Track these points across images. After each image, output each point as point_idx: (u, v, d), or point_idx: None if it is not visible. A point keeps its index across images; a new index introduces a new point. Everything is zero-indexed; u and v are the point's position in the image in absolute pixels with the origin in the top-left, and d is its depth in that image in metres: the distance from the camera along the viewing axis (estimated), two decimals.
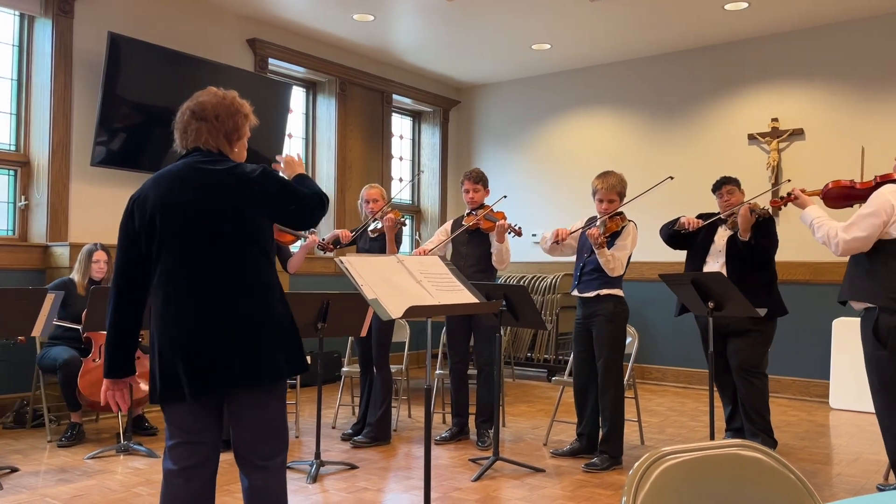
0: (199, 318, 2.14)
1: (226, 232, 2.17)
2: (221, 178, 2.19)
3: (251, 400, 2.19)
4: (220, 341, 2.14)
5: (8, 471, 3.82)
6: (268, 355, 2.18)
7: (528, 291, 4.09)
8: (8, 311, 3.66)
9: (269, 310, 2.20)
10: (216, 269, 2.16)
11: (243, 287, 2.18)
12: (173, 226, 2.17)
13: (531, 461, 4.14)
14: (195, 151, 2.27)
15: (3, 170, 5.31)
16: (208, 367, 2.13)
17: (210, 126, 2.26)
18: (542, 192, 8.04)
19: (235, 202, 2.18)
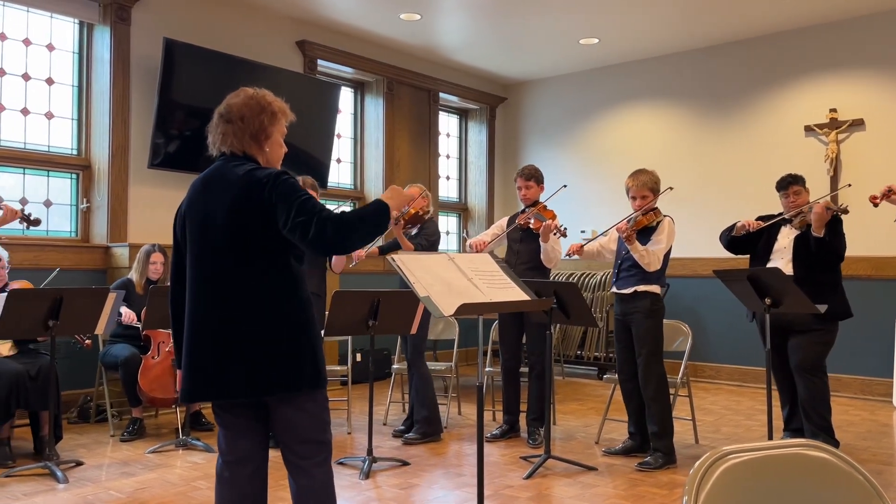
0: (202, 325, 2.16)
1: (234, 237, 2.15)
2: (235, 183, 2.16)
3: (282, 404, 2.21)
4: (219, 349, 2.15)
5: (73, 464, 3.96)
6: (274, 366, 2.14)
7: (579, 289, 4.06)
8: (73, 310, 3.79)
9: (282, 319, 2.16)
10: (222, 276, 2.16)
11: (248, 294, 2.15)
12: (193, 231, 2.21)
13: (583, 459, 4.10)
14: (222, 156, 2.27)
15: (66, 173, 5.50)
16: (205, 374, 2.16)
17: (235, 128, 2.23)
18: (590, 188, 7.96)
19: (244, 207, 2.14)
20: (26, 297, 3.66)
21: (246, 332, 2.14)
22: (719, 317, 6.90)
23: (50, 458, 3.81)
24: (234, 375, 2.14)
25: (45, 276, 4.69)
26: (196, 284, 2.19)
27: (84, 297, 3.87)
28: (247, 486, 2.27)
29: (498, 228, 4.82)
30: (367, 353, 6.41)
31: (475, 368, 7.81)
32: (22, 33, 5.26)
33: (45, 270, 4.82)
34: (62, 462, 3.89)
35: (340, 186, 7.33)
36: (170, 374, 4.62)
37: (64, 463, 3.90)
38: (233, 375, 2.14)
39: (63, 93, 5.48)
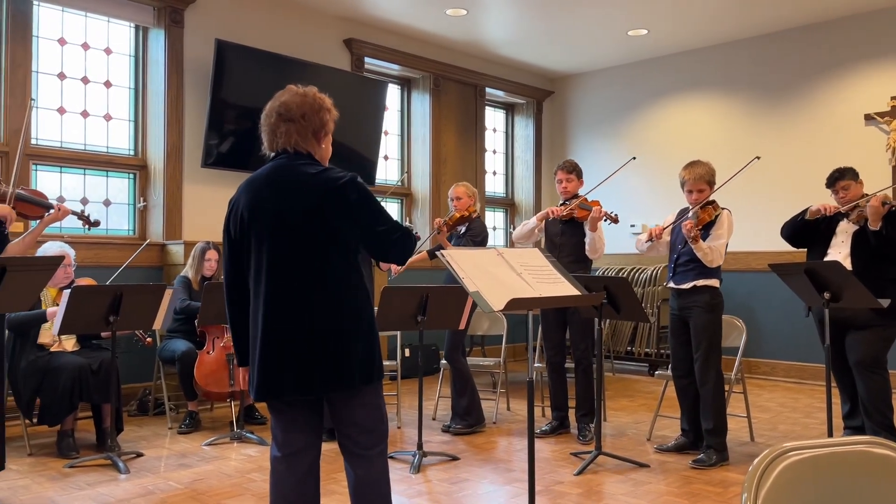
0: (282, 321, 2.19)
1: (306, 236, 2.19)
2: (308, 182, 2.20)
3: (342, 395, 2.25)
4: (300, 348, 2.18)
5: (134, 455, 4.09)
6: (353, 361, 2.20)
7: (630, 283, 4.01)
8: (132, 306, 3.90)
9: (354, 315, 2.22)
10: (295, 274, 2.19)
11: (316, 292, 2.19)
12: (259, 229, 2.24)
13: (635, 456, 4.06)
14: (283, 153, 2.31)
15: (124, 173, 5.67)
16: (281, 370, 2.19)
17: (298, 126, 2.27)
18: (640, 181, 7.84)
19: (319, 207, 2.18)
20: (88, 294, 3.78)
21: (320, 328, 2.18)
22: (774, 312, 6.73)
23: (112, 450, 3.94)
24: (313, 371, 2.18)
25: (105, 273, 4.84)
26: (267, 282, 2.21)
27: (142, 293, 3.99)
28: (301, 477, 2.31)
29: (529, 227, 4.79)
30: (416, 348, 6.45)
31: (523, 364, 7.79)
32: (81, 38, 5.43)
33: (105, 268, 4.97)
34: (123, 453, 4.02)
35: (388, 183, 7.38)
36: (224, 369, 4.72)
37: (125, 454, 4.02)
38: (305, 371, 2.18)
39: (120, 95, 5.65)
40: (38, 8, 5.21)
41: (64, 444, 4.12)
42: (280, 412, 2.32)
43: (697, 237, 3.90)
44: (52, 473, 3.78)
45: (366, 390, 2.26)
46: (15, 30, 5.06)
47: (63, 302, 3.70)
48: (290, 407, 2.30)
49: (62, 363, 4.03)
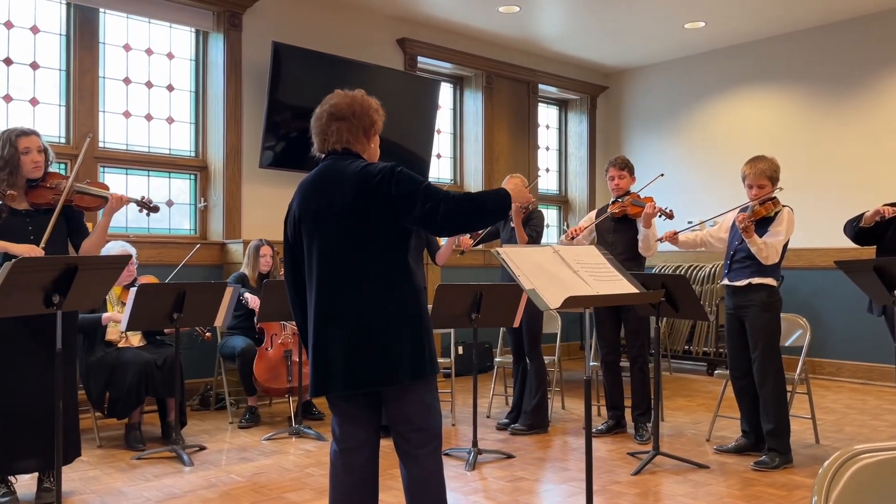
0: (330, 318, 2.23)
1: (351, 232, 2.23)
2: (350, 179, 2.24)
3: (396, 392, 2.27)
4: (348, 340, 2.21)
5: (197, 448, 4.21)
6: (404, 356, 2.22)
7: (689, 281, 3.94)
8: (195, 304, 4.02)
9: (403, 310, 2.24)
10: (343, 269, 2.23)
11: (369, 287, 2.22)
12: (310, 228, 2.29)
13: (694, 457, 3.98)
14: (332, 154, 2.35)
15: (185, 174, 5.83)
16: (339, 366, 2.22)
17: (349, 124, 2.33)
18: (697, 177, 7.69)
19: (361, 202, 2.21)
20: (153, 292, 3.91)
21: (369, 324, 2.21)
22: (840, 311, 6.51)
23: (176, 443, 4.06)
24: (359, 366, 2.21)
25: (168, 272, 4.99)
26: (318, 280, 2.26)
27: (204, 291, 4.10)
28: (360, 472, 2.35)
29: (588, 221, 4.74)
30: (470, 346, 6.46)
31: (576, 362, 7.72)
32: (144, 44, 5.61)
33: (168, 266, 5.13)
34: (187, 446, 4.14)
35: (440, 181, 7.41)
36: (282, 365, 4.82)
37: (189, 447, 4.14)
38: (358, 366, 2.21)
39: (182, 98, 5.81)
40: (105, 16, 5.39)
41: (131, 436, 4.27)
42: (338, 407, 2.36)
43: (750, 229, 3.79)
44: (120, 465, 3.92)
45: (416, 387, 2.27)
46: (83, 37, 5.26)
47: (130, 299, 3.83)
48: (348, 402, 2.34)
49: (129, 359, 4.17)
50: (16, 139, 3.23)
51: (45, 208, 3.30)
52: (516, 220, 4.57)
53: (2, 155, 3.21)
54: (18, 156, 3.23)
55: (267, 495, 3.42)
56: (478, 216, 2.23)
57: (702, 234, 4.26)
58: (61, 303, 2.86)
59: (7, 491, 3.23)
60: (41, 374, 3.20)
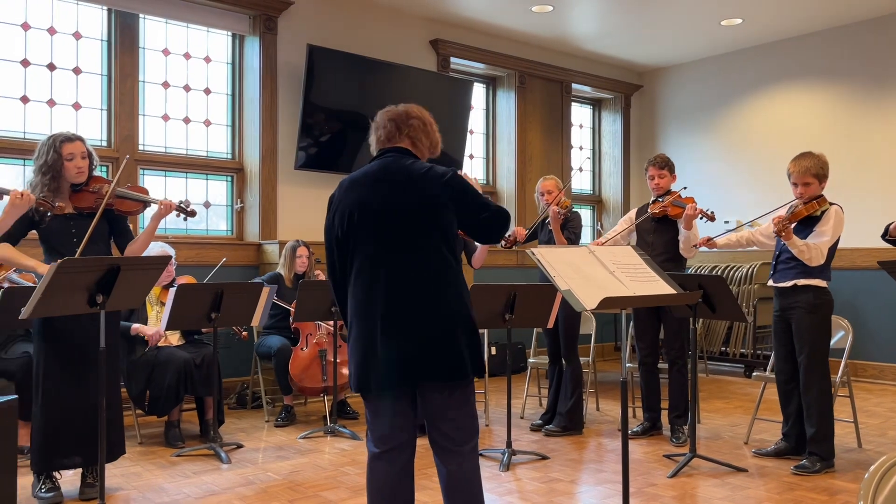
0: (387, 314, 2.25)
1: (415, 230, 2.26)
2: (418, 178, 2.29)
3: (439, 390, 2.28)
4: (406, 337, 2.24)
5: (234, 446, 4.27)
6: (464, 352, 2.26)
7: (726, 282, 3.89)
8: (233, 304, 4.08)
9: (454, 307, 2.28)
10: (404, 266, 2.26)
11: (430, 284, 2.26)
12: (368, 224, 2.30)
13: (732, 460, 3.93)
14: (390, 151, 2.39)
15: (222, 176, 5.92)
16: (394, 362, 2.24)
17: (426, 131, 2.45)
18: (735, 176, 7.57)
19: (427, 202, 2.26)
20: (192, 292, 3.98)
21: (422, 320, 2.24)
22: (883, 312, 6.37)
23: (214, 441, 4.13)
24: (411, 362, 2.24)
25: (205, 272, 5.07)
26: (378, 275, 2.28)
27: (242, 291, 4.16)
28: (397, 473, 2.35)
29: (627, 222, 4.69)
30: (504, 346, 6.46)
31: (610, 364, 7.67)
32: (182, 48, 5.71)
33: (205, 266, 5.21)
34: (225, 444, 4.20)
35: None
36: (317, 365, 4.87)
37: (226, 445, 4.21)
38: (409, 362, 2.24)
39: (219, 101, 5.90)
40: (144, 21, 5.50)
41: (171, 434, 4.35)
42: (376, 409, 2.36)
43: (787, 231, 3.71)
44: (160, 461, 3.99)
45: (462, 385, 2.30)
46: (123, 42, 5.37)
47: (169, 300, 3.91)
48: (386, 404, 2.35)
49: (169, 358, 4.25)
50: (60, 145, 3.31)
51: (89, 212, 3.38)
52: (554, 225, 4.55)
53: (46, 161, 3.29)
54: (62, 161, 3.30)
55: (303, 493, 3.46)
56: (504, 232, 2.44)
57: (747, 234, 4.17)
58: (104, 302, 2.93)
59: (52, 486, 3.32)
60: (86, 373, 3.28)
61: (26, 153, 4.93)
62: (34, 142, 4.93)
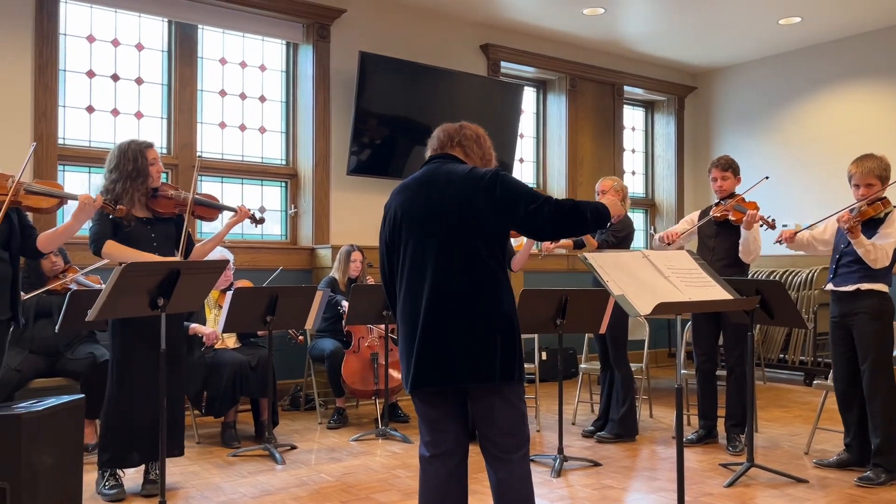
0: (433, 316, 2.27)
1: (455, 232, 2.27)
2: (460, 180, 2.30)
3: (487, 394, 2.29)
4: (442, 339, 2.25)
5: (288, 447, 4.34)
6: (496, 355, 2.25)
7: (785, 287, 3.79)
8: (287, 307, 4.15)
9: (499, 310, 2.28)
10: (450, 270, 2.27)
11: (476, 287, 2.26)
12: (411, 227, 2.33)
13: (791, 470, 3.82)
14: (438, 157, 2.41)
15: (277, 182, 6.04)
16: (439, 363, 2.26)
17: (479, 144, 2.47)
18: (794, 180, 7.37)
19: (470, 202, 2.27)
20: (248, 296, 4.06)
21: (469, 322, 2.25)
22: None
23: (269, 441, 4.21)
24: (457, 363, 2.25)
25: (259, 276, 5.17)
26: (418, 277, 2.31)
27: (296, 295, 4.23)
28: (449, 475, 2.37)
29: (688, 223, 4.61)
30: (555, 351, 6.41)
31: (664, 370, 7.54)
32: (239, 57, 5.85)
33: (261, 271, 5.31)
34: (279, 445, 4.27)
35: None
36: (369, 368, 4.92)
37: (280, 446, 4.28)
38: (456, 363, 2.25)
39: (273, 109, 6.02)
40: (203, 31, 5.66)
41: (227, 434, 4.44)
42: (427, 413, 2.38)
43: (856, 230, 3.59)
44: (217, 461, 4.09)
45: (506, 389, 2.29)
46: (182, 52, 5.53)
47: (226, 303, 4.00)
48: (437, 408, 2.36)
49: (225, 360, 4.35)
50: (145, 150, 3.45)
51: (165, 216, 3.50)
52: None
53: (135, 166, 3.41)
54: (148, 166, 3.43)
55: (356, 495, 3.50)
56: (578, 224, 2.32)
57: (806, 236, 4.06)
58: (165, 305, 3.02)
59: (115, 483, 3.43)
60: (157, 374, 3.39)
61: (92, 161, 5.13)
62: (99, 150, 5.14)
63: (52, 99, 4.89)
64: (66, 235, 3.23)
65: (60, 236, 3.22)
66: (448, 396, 2.35)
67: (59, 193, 3.24)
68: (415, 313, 2.30)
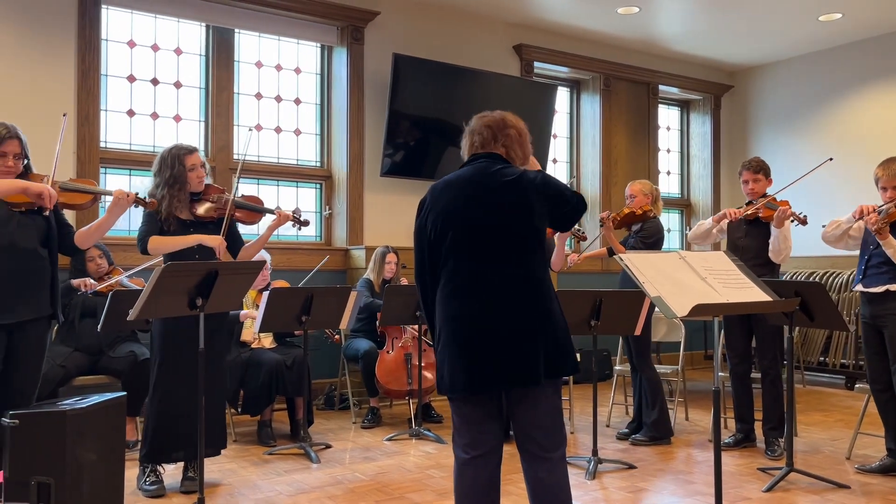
0: (480, 316, 2.27)
1: (511, 234, 2.29)
2: (511, 182, 2.31)
3: (529, 395, 2.28)
4: (501, 340, 2.26)
5: (323, 446, 4.38)
6: (544, 355, 2.26)
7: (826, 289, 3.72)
8: (322, 307, 4.20)
9: (548, 310, 2.29)
10: (491, 272, 2.28)
11: (526, 287, 2.27)
12: (459, 229, 2.32)
13: (832, 476, 3.74)
14: (483, 157, 2.40)
15: (312, 184, 6.10)
16: (486, 364, 2.26)
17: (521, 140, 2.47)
18: (834, 179, 7.21)
19: (523, 205, 2.29)
20: (284, 296, 4.11)
21: (514, 323, 2.26)
22: None
23: (304, 440, 4.25)
24: (504, 365, 2.25)
25: (295, 276, 5.23)
26: (458, 280, 2.31)
27: (330, 295, 4.27)
28: (484, 476, 2.37)
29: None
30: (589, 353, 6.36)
31: (699, 372, 7.44)
32: (274, 60, 5.92)
33: (296, 271, 5.37)
34: (314, 444, 4.31)
35: None
36: (403, 368, 4.94)
37: (315, 445, 4.32)
38: (503, 365, 2.25)
39: (308, 111, 6.09)
40: (239, 35, 5.74)
41: (263, 432, 4.50)
42: (464, 415, 2.38)
43: (884, 231, 3.54)
44: (253, 459, 4.14)
45: (550, 389, 2.30)
46: (220, 56, 5.62)
47: (263, 303, 4.06)
48: (482, 407, 2.36)
49: (261, 359, 4.41)
50: (183, 157, 3.52)
51: (206, 220, 3.56)
52: (606, 232, 4.47)
53: (172, 172, 3.49)
54: (186, 172, 3.50)
55: (390, 494, 3.52)
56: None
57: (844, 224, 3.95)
58: (204, 305, 3.07)
59: (156, 479, 3.50)
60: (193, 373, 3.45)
61: (132, 164, 5.24)
62: (139, 153, 5.25)
63: (95, 103, 5.01)
64: (102, 230, 3.26)
65: (96, 232, 3.25)
66: (492, 395, 2.36)
67: (93, 189, 3.28)
68: (466, 315, 2.29)
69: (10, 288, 3.01)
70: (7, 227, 3.02)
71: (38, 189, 2.95)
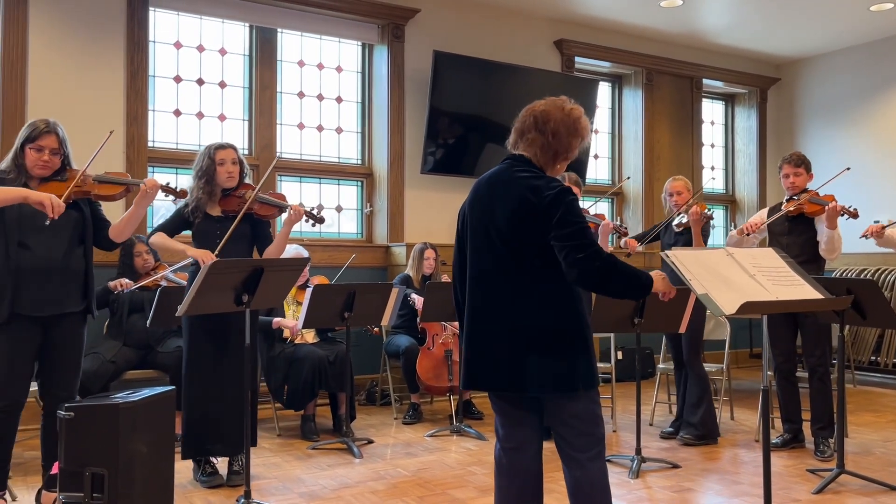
0: (479, 320, 2.29)
1: (513, 239, 2.25)
2: (520, 188, 2.25)
3: (557, 398, 2.27)
4: (483, 345, 2.27)
5: (365, 442, 4.42)
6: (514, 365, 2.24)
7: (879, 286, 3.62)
8: (364, 303, 4.23)
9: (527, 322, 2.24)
10: (497, 273, 2.27)
11: (518, 296, 2.24)
12: (475, 228, 2.34)
13: (885, 478, 3.64)
14: (516, 158, 2.37)
15: (353, 181, 6.15)
16: (471, 366, 2.30)
17: (545, 141, 2.29)
18: (885, 172, 7.02)
19: (527, 213, 2.22)
20: (327, 292, 4.16)
21: (517, 330, 2.24)
22: None
23: (347, 435, 4.29)
24: (511, 370, 2.25)
25: (336, 273, 5.28)
26: (473, 278, 2.34)
27: (372, 291, 4.30)
28: (524, 472, 2.37)
29: (759, 219, 4.44)
30: (631, 350, 6.29)
31: (744, 371, 7.31)
32: (316, 59, 5.98)
33: (337, 268, 5.42)
34: (356, 439, 4.35)
35: (598, 182, 7.28)
36: (443, 365, 4.95)
37: (358, 440, 4.36)
38: (510, 370, 2.25)
39: (349, 109, 6.13)
40: (282, 35, 5.81)
41: (306, 427, 4.56)
42: (501, 408, 2.39)
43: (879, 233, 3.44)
44: (297, 453, 4.20)
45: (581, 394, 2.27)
46: (263, 56, 5.70)
47: (306, 300, 4.10)
48: (510, 403, 2.37)
49: (305, 354, 4.47)
50: (213, 152, 3.59)
51: (232, 215, 3.61)
52: (695, 228, 4.38)
53: (202, 166, 3.58)
54: (214, 167, 3.57)
55: (432, 490, 3.53)
56: (601, 288, 2.24)
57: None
58: (250, 301, 3.12)
59: (212, 471, 3.60)
60: (229, 368, 3.52)
61: (178, 162, 5.34)
62: (185, 151, 5.35)
63: (143, 104, 5.12)
64: (133, 222, 3.26)
65: (128, 224, 3.26)
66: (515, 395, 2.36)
67: (124, 181, 3.28)
68: (468, 314, 2.34)
69: (41, 282, 3.02)
70: (39, 222, 2.99)
71: (39, 198, 2.88)
